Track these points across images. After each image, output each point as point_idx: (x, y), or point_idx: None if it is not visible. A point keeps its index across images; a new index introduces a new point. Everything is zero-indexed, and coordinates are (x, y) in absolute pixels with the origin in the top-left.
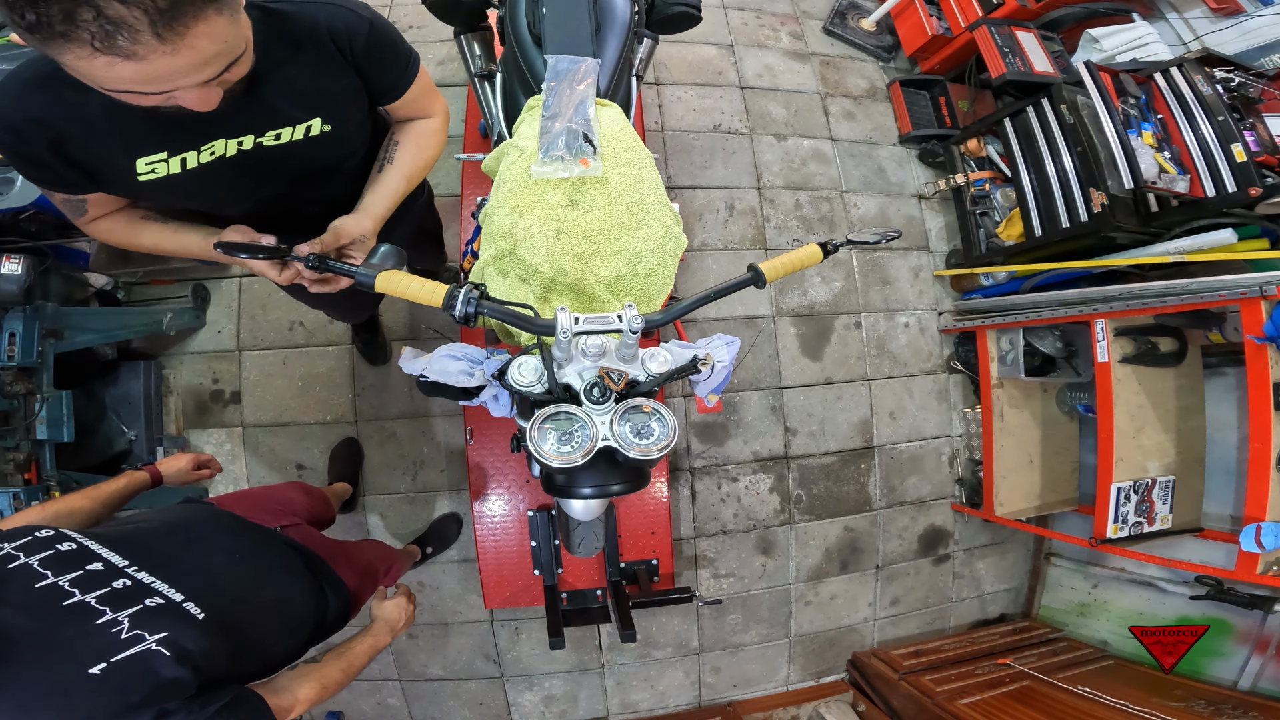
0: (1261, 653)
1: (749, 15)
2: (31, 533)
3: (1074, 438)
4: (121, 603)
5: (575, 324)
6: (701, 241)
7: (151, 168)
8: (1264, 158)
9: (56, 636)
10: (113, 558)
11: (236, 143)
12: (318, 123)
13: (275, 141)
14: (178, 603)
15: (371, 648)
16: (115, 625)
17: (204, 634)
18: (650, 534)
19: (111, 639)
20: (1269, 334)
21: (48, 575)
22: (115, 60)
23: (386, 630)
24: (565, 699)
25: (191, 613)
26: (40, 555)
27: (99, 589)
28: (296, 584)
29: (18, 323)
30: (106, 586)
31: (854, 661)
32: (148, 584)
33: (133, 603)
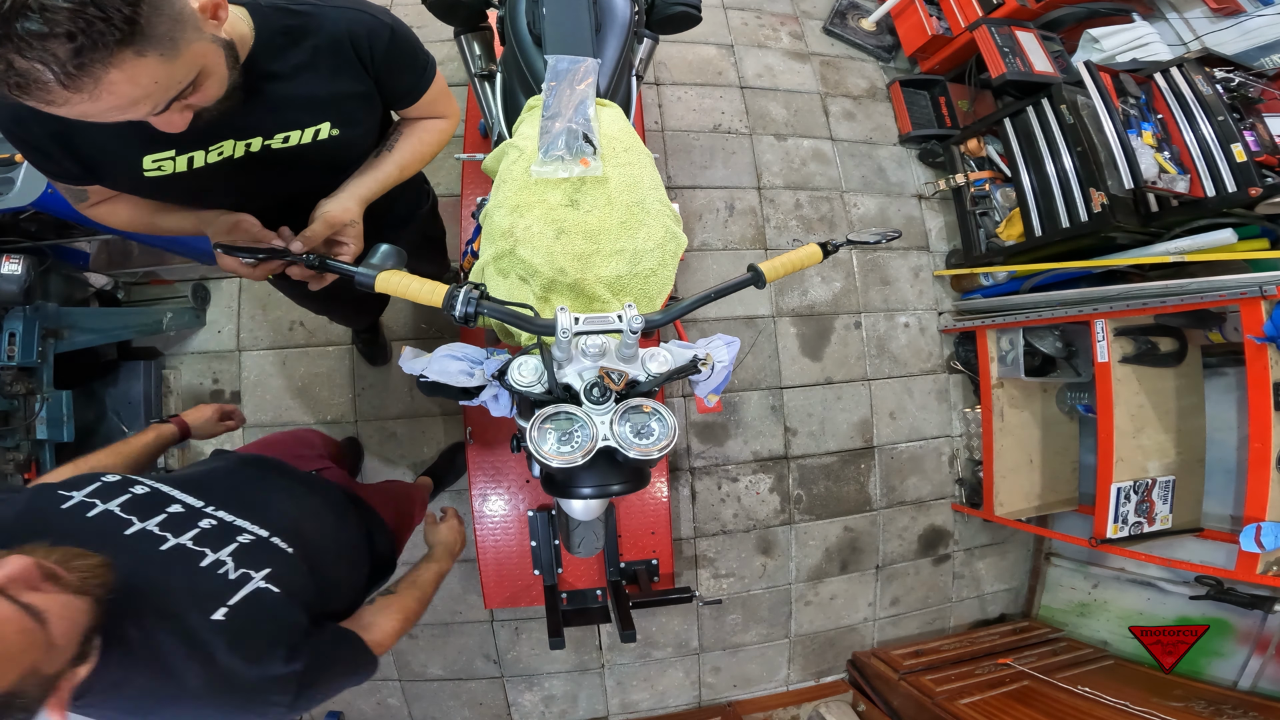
0: (1261, 653)
1: (749, 15)
2: (99, 478)
3: (1074, 438)
4: (216, 542)
5: (575, 324)
6: (701, 241)
7: (158, 165)
8: (1264, 158)
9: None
10: (189, 499)
11: (245, 144)
12: (326, 127)
13: (283, 145)
14: (266, 538)
15: (438, 573)
16: (220, 566)
17: (298, 568)
18: (650, 534)
19: (221, 580)
20: (1269, 334)
21: (133, 520)
22: (41, 104)
23: (447, 555)
24: (565, 699)
25: (283, 548)
26: (118, 500)
27: (189, 530)
28: (349, 522)
29: (18, 323)
30: (195, 527)
31: (854, 661)
32: (231, 522)
33: (227, 541)
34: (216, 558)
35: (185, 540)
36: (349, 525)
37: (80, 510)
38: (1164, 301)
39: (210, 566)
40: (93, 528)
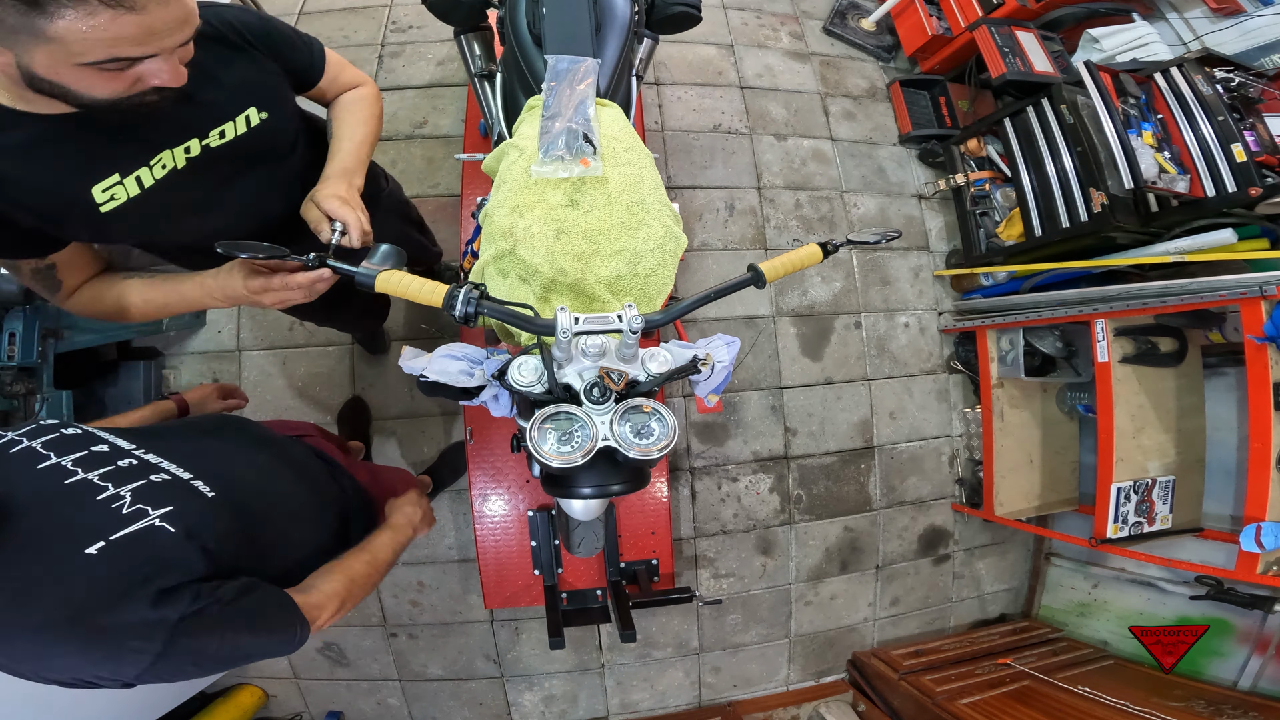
0: (1261, 653)
1: (749, 15)
2: (36, 422)
3: (1074, 438)
4: (125, 479)
5: (575, 324)
6: (701, 241)
7: (110, 194)
8: (1264, 158)
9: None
10: (120, 441)
11: (183, 150)
12: (254, 111)
13: (220, 140)
14: (185, 480)
15: (394, 542)
16: (116, 500)
17: (213, 512)
18: (650, 534)
19: (111, 515)
20: (1269, 334)
21: (50, 456)
22: (119, 14)
23: (405, 523)
24: (565, 699)
25: (200, 489)
26: (44, 439)
27: (102, 467)
28: (312, 482)
29: (18, 323)
30: (111, 465)
31: (854, 661)
32: (154, 463)
33: (137, 478)
34: (115, 491)
35: (92, 475)
36: (311, 485)
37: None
38: (1164, 301)
39: (105, 500)
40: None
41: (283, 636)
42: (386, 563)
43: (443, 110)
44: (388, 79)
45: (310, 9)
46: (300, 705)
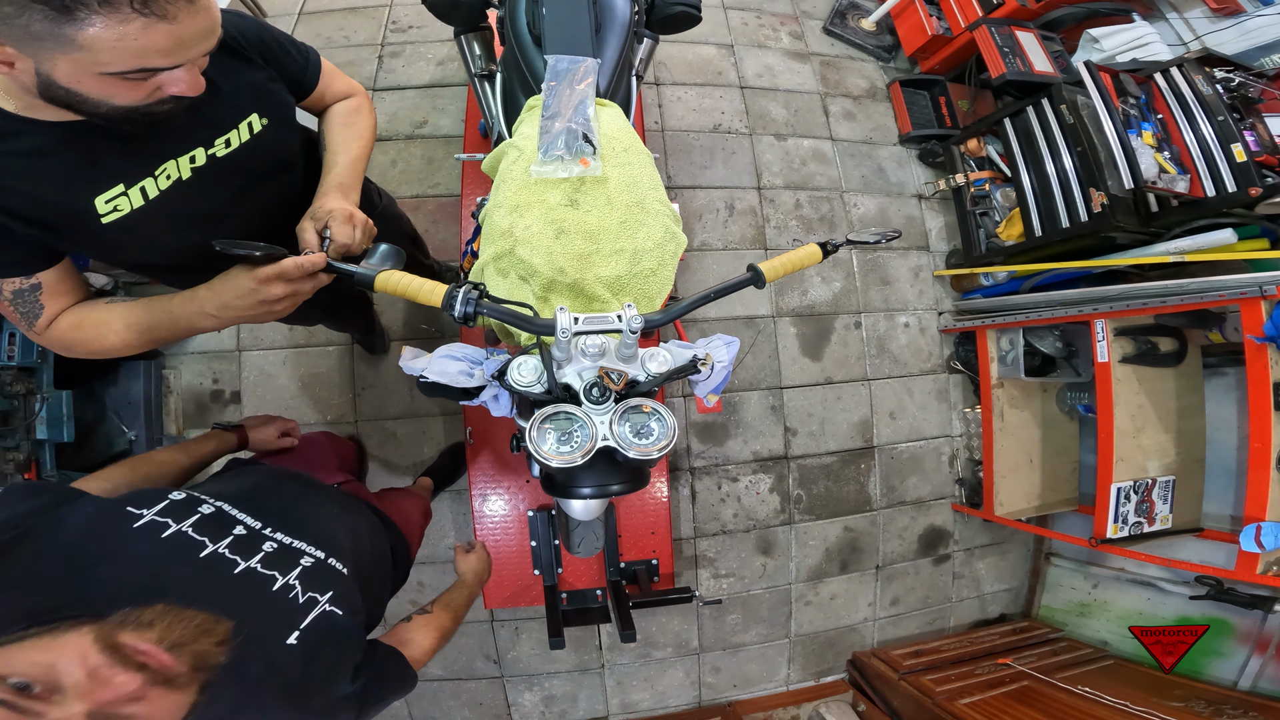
0: (1261, 653)
1: (749, 15)
2: (167, 496)
3: (1074, 438)
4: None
5: (575, 324)
6: (701, 241)
7: (113, 205)
8: (1264, 158)
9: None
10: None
11: (189, 159)
12: (256, 118)
13: (225, 150)
14: (323, 559)
15: (469, 598)
16: (290, 590)
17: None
18: (650, 534)
19: (292, 604)
20: (1269, 334)
21: (206, 543)
22: (151, 23)
23: (477, 581)
24: (565, 699)
25: (337, 568)
26: (189, 521)
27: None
28: (377, 537)
29: None
30: (260, 550)
31: (854, 661)
32: (290, 544)
33: (291, 565)
34: (285, 581)
35: (254, 564)
36: (378, 540)
37: (154, 530)
38: (1164, 301)
39: (281, 590)
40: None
41: (407, 689)
42: (463, 617)
43: (443, 110)
44: (388, 79)
45: (310, 9)
46: None
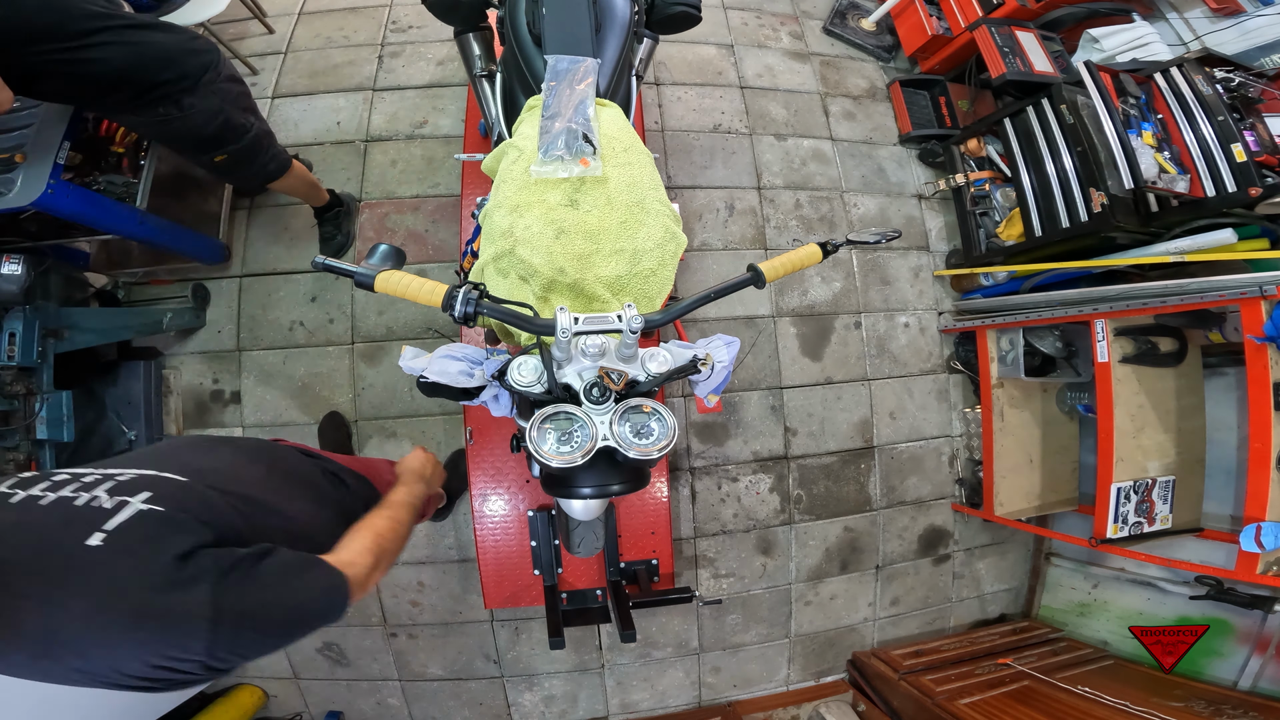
0: (1261, 653)
1: (749, 15)
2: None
3: (1074, 438)
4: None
5: (575, 324)
6: (701, 241)
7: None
8: (1264, 158)
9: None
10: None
11: None
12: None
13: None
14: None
15: (408, 495)
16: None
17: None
18: (650, 534)
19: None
20: (1269, 334)
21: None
22: None
23: (416, 478)
24: (565, 699)
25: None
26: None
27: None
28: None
29: (18, 323)
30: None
31: (854, 661)
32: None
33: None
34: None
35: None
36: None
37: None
38: (1164, 301)
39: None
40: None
41: (324, 592)
42: (406, 520)
43: (443, 110)
44: (388, 79)
45: (310, 9)
46: (300, 705)
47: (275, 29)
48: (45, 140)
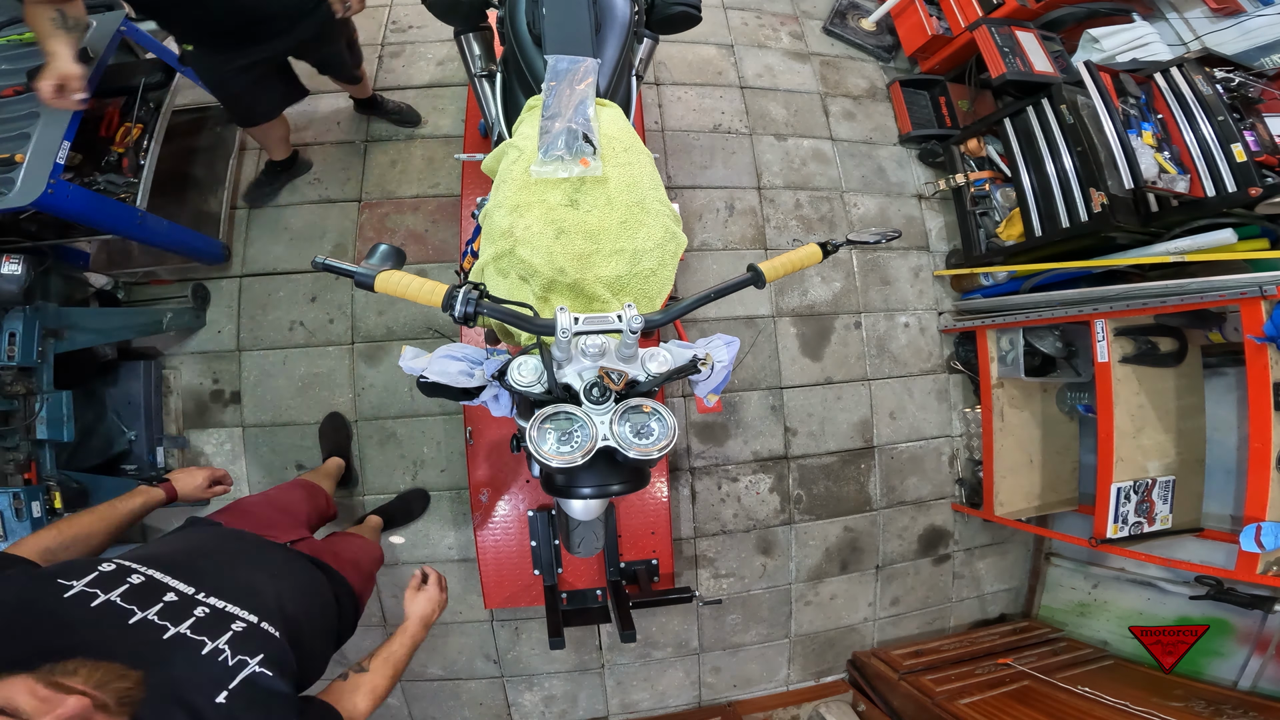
0: (1261, 653)
1: (749, 15)
2: (96, 567)
3: (1074, 438)
4: (212, 630)
5: (575, 324)
6: (701, 241)
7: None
8: (1264, 158)
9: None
10: (180, 586)
11: None
12: None
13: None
14: (256, 623)
15: (411, 644)
16: (219, 654)
17: (285, 649)
18: (650, 534)
19: (221, 667)
20: (1269, 334)
21: (135, 610)
22: None
23: (420, 625)
24: (565, 699)
25: (271, 632)
26: (118, 590)
27: (186, 619)
28: (321, 593)
29: (18, 323)
30: (191, 616)
31: (854, 661)
32: (222, 609)
33: (222, 630)
34: (215, 646)
35: (184, 629)
36: (320, 597)
37: (83, 600)
38: (1164, 301)
39: (210, 654)
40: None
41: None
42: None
43: (443, 110)
44: (388, 79)
45: None
46: None
47: None
48: (45, 140)
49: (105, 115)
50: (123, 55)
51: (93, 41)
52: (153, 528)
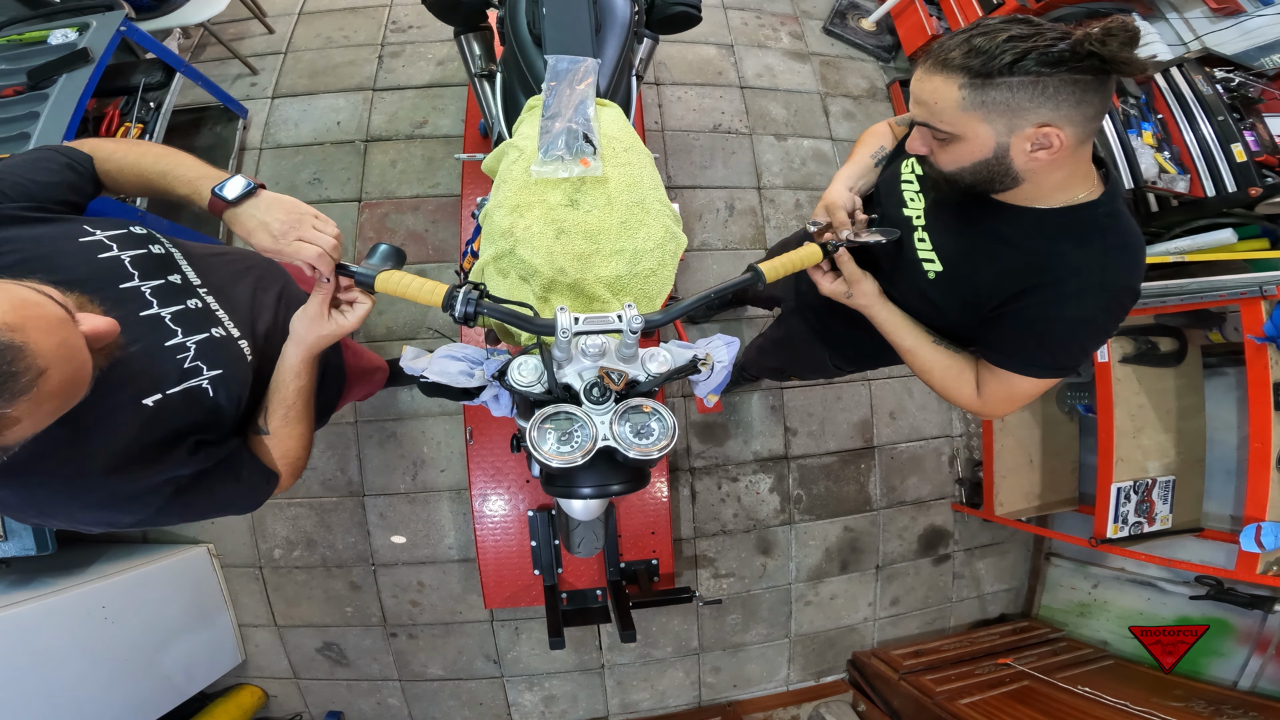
0: (1261, 653)
1: (749, 15)
2: (128, 226)
3: (1074, 438)
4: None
5: (575, 324)
6: (701, 241)
7: None
8: (1264, 158)
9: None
10: (189, 273)
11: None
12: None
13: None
14: (234, 340)
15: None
16: (181, 352)
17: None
18: (650, 534)
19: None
20: (1269, 334)
21: (134, 277)
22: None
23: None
24: (565, 699)
25: (244, 352)
26: (131, 252)
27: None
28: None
29: None
30: (180, 304)
31: (854, 661)
32: (214, 311)
33: (199, 330)
34: (181, 342)
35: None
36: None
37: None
38: (1164, 301)
39: (172, 349)
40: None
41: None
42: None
43: (443, 110)
44: (388, 79)
45: (310, 9)
46: (300, 705)
47: (275, 29)
48: (46, 140)
49: (105, 115)
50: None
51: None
52: None
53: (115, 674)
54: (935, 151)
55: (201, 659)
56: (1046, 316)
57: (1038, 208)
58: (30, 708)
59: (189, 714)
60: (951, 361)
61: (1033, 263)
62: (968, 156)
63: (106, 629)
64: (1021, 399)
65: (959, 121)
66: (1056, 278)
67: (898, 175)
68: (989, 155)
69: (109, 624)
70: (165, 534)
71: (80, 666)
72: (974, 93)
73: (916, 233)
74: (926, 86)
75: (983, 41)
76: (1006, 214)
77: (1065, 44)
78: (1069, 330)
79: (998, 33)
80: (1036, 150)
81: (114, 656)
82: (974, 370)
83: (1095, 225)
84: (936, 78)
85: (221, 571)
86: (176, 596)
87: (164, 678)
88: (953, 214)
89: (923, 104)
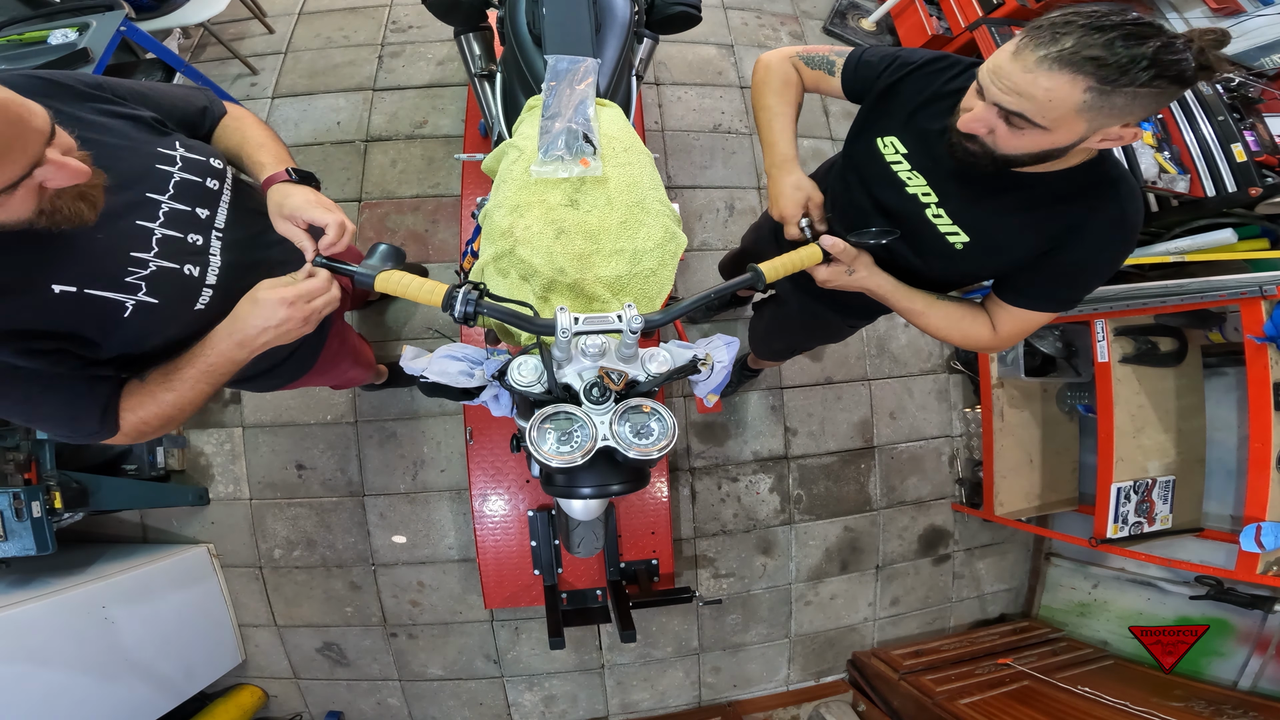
0: (1261, 653)
1: (749, 15)
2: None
3: (1074, 438)
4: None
5: (575, 324)
6: (701, 241)
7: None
8: (1264, 158)
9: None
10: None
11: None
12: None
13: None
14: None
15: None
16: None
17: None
18: (650, 534)
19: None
20: (1269, 334)
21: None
22: None
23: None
24: (565, 699)
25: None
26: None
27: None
28: None
29: None
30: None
31: (854, 661)
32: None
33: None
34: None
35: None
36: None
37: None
38: (1164, 301)
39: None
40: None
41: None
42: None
43: (443, 110)
44: (388, 79)
45: (310, 9)
46: (300, 705)
47: (275, 29)
48: None
49: None
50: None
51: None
52: None
53: (115, 674)
54: (1002, 136)
55: (201, 659)
56: (1073, 261)
57: (1055, 170)
58: (30, 707)
59: (189, 714)
60: (963, 311)
61: (1059, 220)
62: (1041, 145)
63: (106, 629)
64: (1034, 329)
65: (1065, 119)
66: (1082, 229)
67: (879, 157)
68: (1064, 145)
69: (109, 624)
70: (165, 534)
71: (80, 666)
72: (1099, 97)
73: (929, 209)
74: (1042, 83)
75: (1124, 50)
76: (1028, 180)
77: (1190, 60)
78: (1094, 272)
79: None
80: (1105, 141)
81: (114, 656)
82: (984, 311)
83: (1106, 178)
84: (1059, 76)
85: (221, 571)
86: (176, 596)
87: (164, 678)
88: (967, 185)
89: (1029, 98)
